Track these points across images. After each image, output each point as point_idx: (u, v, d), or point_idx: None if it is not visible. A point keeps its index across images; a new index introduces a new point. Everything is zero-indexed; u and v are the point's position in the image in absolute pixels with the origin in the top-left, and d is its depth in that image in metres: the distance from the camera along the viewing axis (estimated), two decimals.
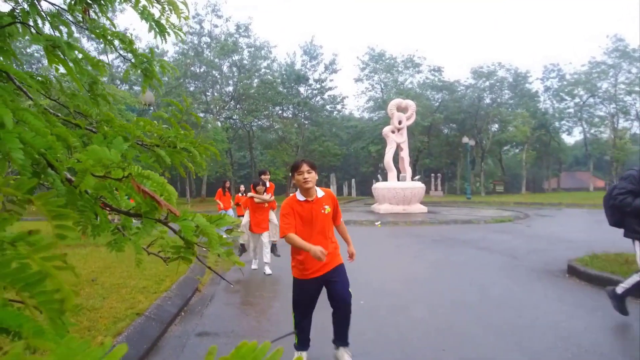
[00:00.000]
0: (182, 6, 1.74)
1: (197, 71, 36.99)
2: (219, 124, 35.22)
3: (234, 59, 37.56)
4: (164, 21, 1.78)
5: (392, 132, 21.99)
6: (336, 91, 50.57)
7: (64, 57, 1.11)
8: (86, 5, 1.73)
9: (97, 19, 1.83)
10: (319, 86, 41.76)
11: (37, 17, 1.54)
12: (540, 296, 5.46)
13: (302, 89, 41.97)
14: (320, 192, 3.48)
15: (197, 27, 36.11)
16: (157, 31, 1.82)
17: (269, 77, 38.73)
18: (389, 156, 21.84)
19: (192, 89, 37.13)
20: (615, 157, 43.41)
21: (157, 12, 1.86)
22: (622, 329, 4.31)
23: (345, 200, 37.91)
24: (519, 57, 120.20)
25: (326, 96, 42.84)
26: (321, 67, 41.57)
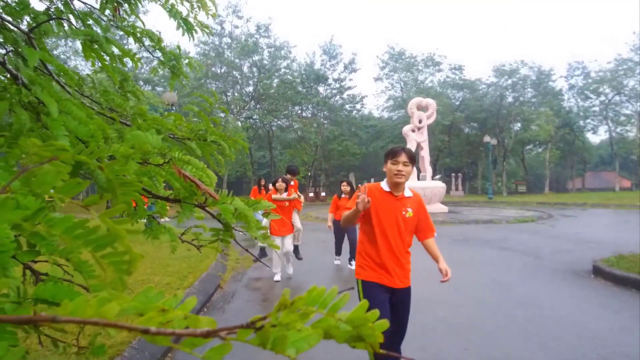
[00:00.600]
0: (209, 3, 1.77)
1: (218, 72, 37.38)
2: (239, 124, 35.52)
3: (254, 59, 37.81)
4: (191, 19, 1.81)
5: (412, 131, 21.84)
6: (355, 90, 50.41)
7: (100, 52, 1.15)
8: (117, 4, 1.78)
9: (126, 17, 1.88)
10: (338, 85, 41.72)
11: (71, 16, 1.59)
12: (564, 296, 5.37)
13: (321, 89, 42.00)
14: (409, 192, 3.05)
15: (218, 27, 36.46)
16: (184, 29, 1.86)
17: (289, 77, 38.88)
18: None
19: (213, 89, 37.55)
20: None
21: (184, 10, 1.90)
22: None
23: None
24: (542, 54, 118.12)
25: (345, 95, 42.79)
26: (340, 67, 41.54)
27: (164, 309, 0.35)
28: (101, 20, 1.69)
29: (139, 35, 1.78)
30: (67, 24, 1.57)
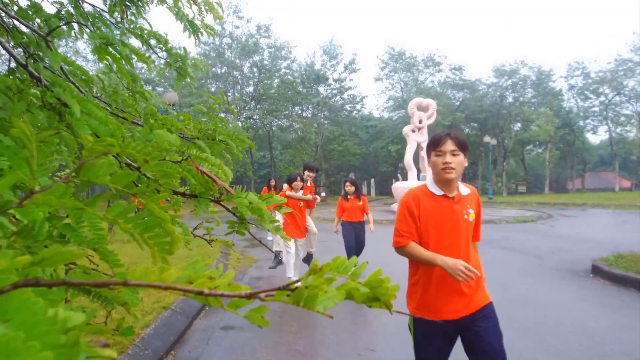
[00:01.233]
0: (217, 7, 1.82)
1: (219, 72, 37.44)
2: (240, 124, 35.57)
3: (254, 59, 37.89)
4: (198, 22, 1.86)
5: (413, 131, 21.89)
6: (356, 91, 50.49)
7: (114, 54, 1.20)
8: (125, 7, 1.83)
9: (134, 20, 1.92)
10: (338, 86, 41.80)
11: (80, 18, 1.64)
12: (564, 295, 5.41)
13: (321, 89, 42.09)
14: (464, 189, 2.34)
15: (219, 28, 36.52)
16: (191, 31, 1.90)
17: (289, 77, 38.94)
18: (409, 155, 21.74)
19: (213, 90, 37.58)
20: None
21: (191, 12, 1.94)
22: None
23: None
24: (542, 55, 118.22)
25: (346, 96, 42.90)
26: (341, 67, 41.62)
27: (211, 277, 0.40)
28: (110, 22, 1.73)
29: (145, 37, 1.83)
30: (77, 26, 1.62)
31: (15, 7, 1.50)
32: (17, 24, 1.44)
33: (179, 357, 3.75)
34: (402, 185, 20.97)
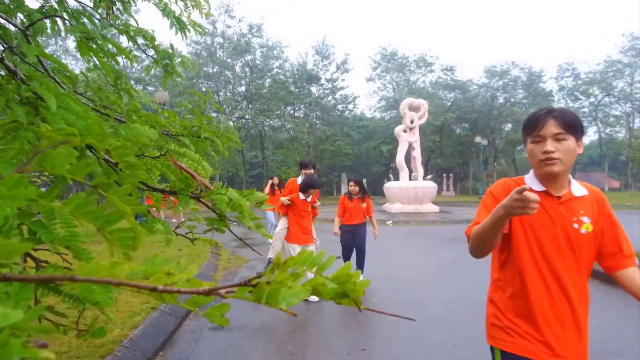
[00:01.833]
0: (203, 2, 1.79)
1: (210, 71, 37.28)
2: (231, 124, 35.45)
3: (246, 59, 37.76)
4: (184, 18, 1.83)
5: (404, 131, 21.97)
6: (348, 91, 50.40)
7: (97, 50, 1.17)
8: (110, 2, 1.80)
9: (120, 16, 1.89)
10: (330, 86, 41.78)
11: (64, 14, 1.61)
12: None
13: (313, 89, 42.04)
14: (579, 189, 1.68)
15: (211, 27, 36.35)
16: (177, 28, 1.88)
17: (281, 77, 38.85)
18: (400, 155, 21.82)
19: (204, 89, 37.37)
20: (630, 157, 42.71)
21: (177, 9, 1.92)
22: (635, 327, 4.28)
23: None
24: (533, 56, 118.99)
25: (338, 96, 42.87)
26: (333, 67, 41.60)
27: (169, 273, 0.38)
28: (94, 18, 1.70)
29: (132, 33, 1.80)
30: (61, 21, 1.59)
31: None
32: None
33: (168, 358, 3.71)
34: (394, 185, 21.04)
